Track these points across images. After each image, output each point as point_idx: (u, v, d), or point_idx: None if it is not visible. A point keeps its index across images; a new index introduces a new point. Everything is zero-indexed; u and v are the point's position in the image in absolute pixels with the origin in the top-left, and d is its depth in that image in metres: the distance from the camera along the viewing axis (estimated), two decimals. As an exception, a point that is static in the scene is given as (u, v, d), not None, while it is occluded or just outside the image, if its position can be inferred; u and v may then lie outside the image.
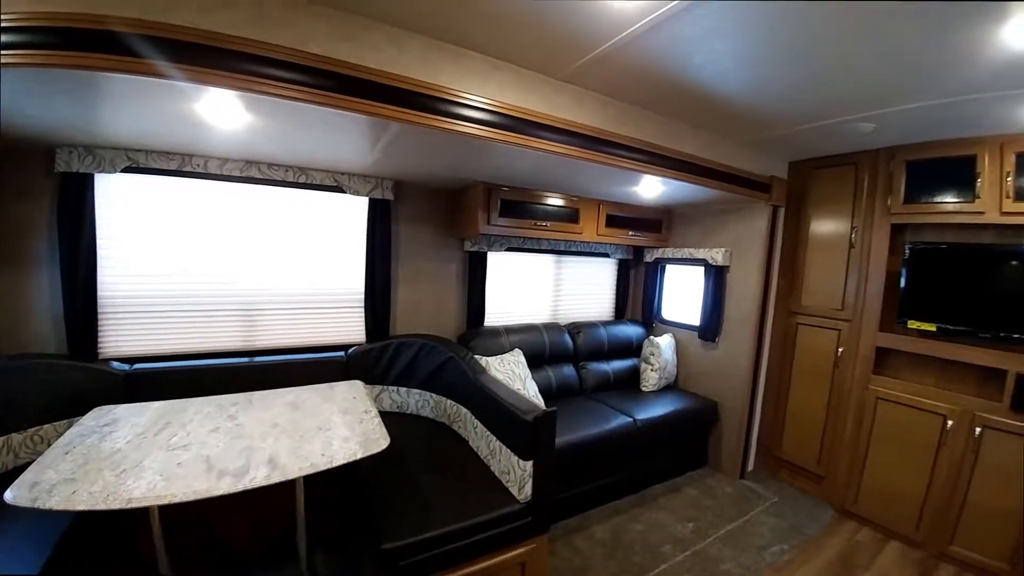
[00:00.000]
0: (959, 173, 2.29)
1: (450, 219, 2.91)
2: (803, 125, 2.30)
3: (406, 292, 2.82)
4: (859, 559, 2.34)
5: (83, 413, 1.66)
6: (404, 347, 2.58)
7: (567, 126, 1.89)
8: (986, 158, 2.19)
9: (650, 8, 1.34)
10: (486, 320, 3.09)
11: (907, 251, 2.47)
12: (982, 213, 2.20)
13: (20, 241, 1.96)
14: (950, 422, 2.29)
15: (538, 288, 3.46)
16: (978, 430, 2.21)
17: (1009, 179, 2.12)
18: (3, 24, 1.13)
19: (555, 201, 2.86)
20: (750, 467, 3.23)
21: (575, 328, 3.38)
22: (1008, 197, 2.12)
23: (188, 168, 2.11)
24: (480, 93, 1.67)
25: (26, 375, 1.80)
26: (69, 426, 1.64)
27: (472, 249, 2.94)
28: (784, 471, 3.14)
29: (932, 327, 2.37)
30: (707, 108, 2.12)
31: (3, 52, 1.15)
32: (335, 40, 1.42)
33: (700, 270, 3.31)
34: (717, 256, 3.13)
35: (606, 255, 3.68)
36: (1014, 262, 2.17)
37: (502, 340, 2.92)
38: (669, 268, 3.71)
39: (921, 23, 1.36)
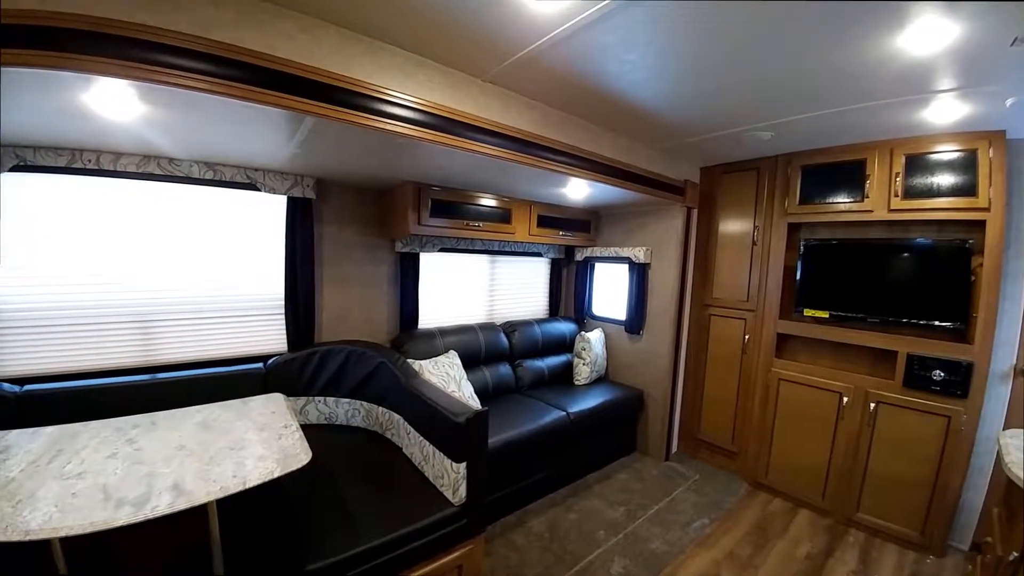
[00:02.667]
0: (850, 176, 2.52)
1: (379, 219, 2.81)
2: (711, 134, 2.49)
3: (332, 296, 2.68)
4: (774, 527, 2.58)
5: None
6: (331, 355, 2.44)
7: (495, 128, 1.89)
8: (875, 161, 2.41)
9: (568, 15, 1.38)
10: (420, 323, 3.02)
11: (802, 247, 2.76)
12: (871, 211, 2.45)
13: None
14: (845, 398, 2.56)
15: (473, 288, 3.45)
16: (872, 405, 2.45)
17: (898, 179, 2.33)
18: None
19: (487, 201, 2.86)
20: (674, 449, 3.47)
21: (510, 327, 3.41)
22: (897, 196, 2.34)
23: (78, 164, 1.87)
24: (403, 90, 1.63)
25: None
26: None
27: (403, 250, 2.86)
28: (703, 451, 3.40)
29: (825, 314, 2.67)
30: (626, 115, 2.22)
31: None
32: (242, 27, 1.32)
33: (625, 267, 3.49)
34: (639, 254, 3.32)
35: (539, 255, 3.75)
36: (903, 254, 2.42)
37: (437, 342, 2.88)
38: (598, 266, 3.87)
39: (823, 33, 1.42)
